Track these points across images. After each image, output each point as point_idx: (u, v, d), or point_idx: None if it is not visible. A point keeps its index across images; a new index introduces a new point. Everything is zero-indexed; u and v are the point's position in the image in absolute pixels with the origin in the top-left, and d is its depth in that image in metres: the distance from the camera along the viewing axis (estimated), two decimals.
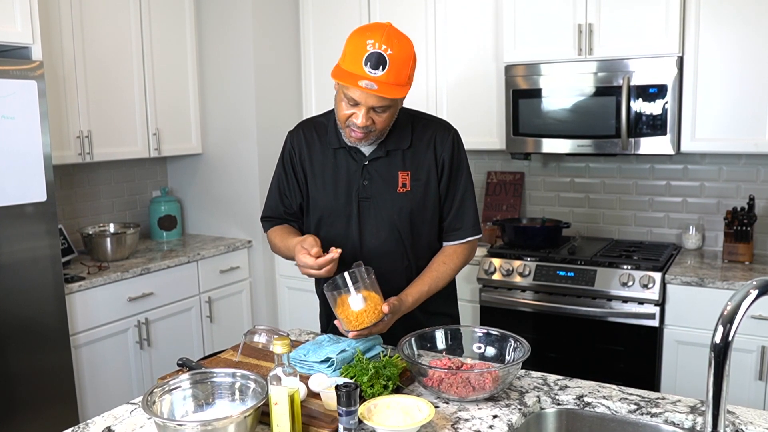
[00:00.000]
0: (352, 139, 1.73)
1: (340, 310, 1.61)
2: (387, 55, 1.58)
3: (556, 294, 2.90)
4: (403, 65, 1.61)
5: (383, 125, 1.71)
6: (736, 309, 0.92)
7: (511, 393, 1.51)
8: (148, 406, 1.30)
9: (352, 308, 1.59)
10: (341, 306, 1.61)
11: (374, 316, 1.60)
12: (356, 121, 1.66)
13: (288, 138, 1.92)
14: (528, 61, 3.07)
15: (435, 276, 1.82)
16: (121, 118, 3.29)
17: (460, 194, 1.86)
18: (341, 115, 1.71)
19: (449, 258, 1.86)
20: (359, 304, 1.58)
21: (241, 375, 1.42)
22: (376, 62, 1.57)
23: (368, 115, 1.66)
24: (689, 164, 3.19)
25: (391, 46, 1.59)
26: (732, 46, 2.74)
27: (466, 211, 1.87)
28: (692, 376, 2.70)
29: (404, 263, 1.85)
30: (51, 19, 2.94)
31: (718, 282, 2.63)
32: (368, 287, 1.61)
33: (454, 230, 1.87)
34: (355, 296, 1.59)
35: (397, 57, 1.59)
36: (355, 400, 1.27)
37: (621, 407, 1.44)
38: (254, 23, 3.57)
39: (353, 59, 1.60)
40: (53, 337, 2.71)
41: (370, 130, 1.70)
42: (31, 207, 2.60)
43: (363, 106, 1.64)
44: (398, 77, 1.60)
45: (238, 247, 3.65)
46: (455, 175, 1.85)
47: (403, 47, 1.62)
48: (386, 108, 1.66)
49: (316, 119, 1.93)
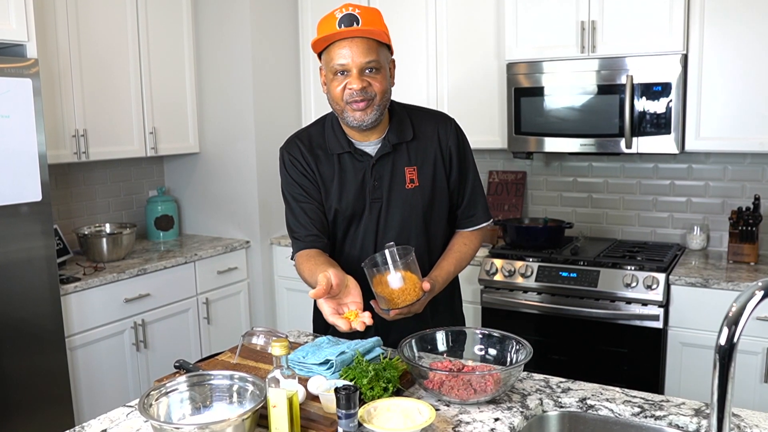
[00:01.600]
0: (356, 115, 1.70)
1: (379, 288, 1.63)
2: (357, 14, 1.66)
3: (558, 295, 2.90)
4: (376, 19, 1.69)
5: (380, 89, 1.70)
6: (741, 310, 0.92)
7: (513, 396, 1.51)
8: (145, 408, 1.30)
9: (392, 286, 1.61)
10: (380, 285, 1.63)
11: (414, 294, 1.63)
12: (353, 86, 1.67)
13: (284, 152, 1.86)
14: (530, 58, 3.07)
15: (459, 257, 1.88)
16: (117, 117, 3.29)
17: (471, 181, 1.91)
18: (336, 95, 1.70)
19: (468, 239, 1.93)
20: (398, 282, 1.61)
21: (239, 377, 1.42)
22: (349, 20, 1.65)
23: (362, 78, 1.67)
24: (694, 163, 3.19)
25: (358, 8, 1.67)
26: (737, 44, 2.74)
27: (478, 198, 1.93)
28: (697, 378, 2.70)
29: (419, 259, 1.85)
30: (46, 16, 2.94)
31: (723, 283, 2.63)
32: (407, 266, 1.63)
33: (469, 216, 1.93)
34: (395, 274, 1.61)
35: (367, 13, 1.68)
36: (355, 403, 1.27)
37: (624, 410, 1.44)
38: (252, 20, 3.57)
39: (325, 28, 1.68)
40: (48, 338, 2.70)
41: (371, 96, 1.69)
42: (25, 207, 2.60)
43: (353, 67, 1.66)
44: (375, 26, 1.67)
45: (235, 247, 3.65)
46: (464, 162, 1.89)
47: (372, 10, 1.71)
48: (377, 68, 1.68)
49: (307, 130, 1.89)
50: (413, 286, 1.63)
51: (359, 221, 1.83)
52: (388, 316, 1.66)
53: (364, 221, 1.82)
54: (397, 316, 1.65)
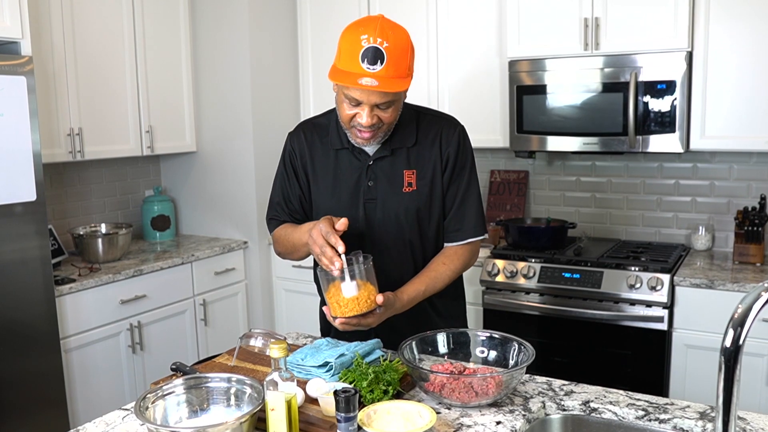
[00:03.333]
0: (359, 140, 1.72)
1: (330, 295, 1.59)
2: (383, 48, 1.56)
3: (561, 296, 2.90)
4: (402, 56, 1.60)
5: (390, 120, 1.70)
6: (747, 312, 0.92)
7: (515, 398, 1.51)
8: (141, 412, 1.30)
9: (343, 294, 1.57)
10: (332, 291, 1.59)
11: (366, 306, 1.57)
12: (361, 121, 1.65)
13: (288, 139, 1.91)
14: (532, 56, 3.07)
15: (433, 276, 1.81)
16: (112, 115, 3.29)
17: (462, 192, 1.84)
18: (344, 117, 1.69)
19: (449, 259, 1.84)
20: (352, 290, 1.56)
21: (236, 380, 1.42)
22: (373, 57, 1.56)
23: (373, 113, 1.64)
24: (699, 162, 3.19)
25: (387, 39, 1.57)
26: (743, 41, 2.74)
27: (467, 211, 1.85)
28: (702, 380, 2.70)
29: (412, 265, 1.84)
30: (41, 13, 2.94)
31: (728, 284, 2.63)
32: (364, 276, 1.59)
33: (454, 230, 1.86)
34: (349, 283, 1.56)
35: (394, 49, 1.58)
36: (354, 406, 1.27)
37: (628, 413, 1.44)
38: (250, 17, 3.57)
39: (349, 57, 1.58)
40: (43, 340, 2.70)
41: (378, 128, 1.69)
42: (20, 207, 2.60)
43: (366, 105, 1.63)
44: (398, 69, 1.59)
45: (233, 248, 3.65)
46: (458, 172, 1.84)
47: (399, 38, 1.60)
48: (390, 103, 1.65)
49: (316, 120, 1.92)
50: (367, 297, 1.58)
51: (350, 221, 1.81)
52: (334, 323, 1.60)
53: (355, 221, 1.80)
54: (345, 326, 1.59)
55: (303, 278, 3.61)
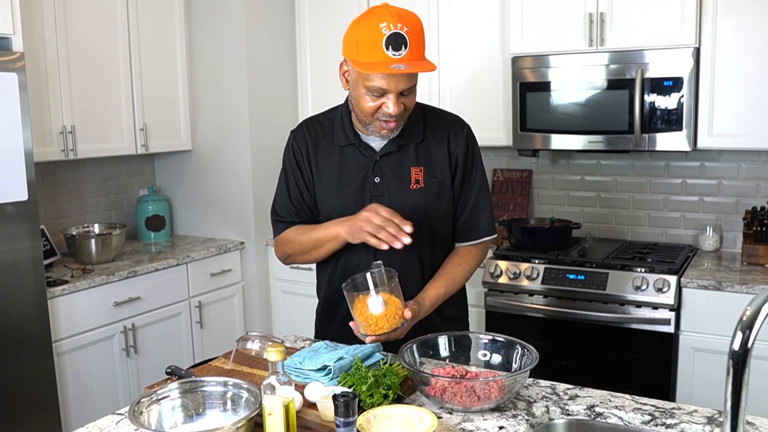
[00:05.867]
0: (384, 132, 1.74)
1: (358, 312, 1.62)
2: (405, 33, 1.61)
3: (565, 298, 2.90)
4: (420, 38, 1.66)
5: (411, 106, 1.74)
6: (755, 314, 0.92)
7: (518, 403, 1.51)
8: (135, 416, 1.30)
9: (371, 311, 1.59)
10: (359, 308, 1.61)
11: (394, 322, 1.61)
12: (388, 110, 1.67)
13: (291, 136, 1.93)
14: (536, 52, 3.07)
15: (451, 278, 1.85)
16: (106, 113, 3.29)
17: (474, 193, 1.88)
18: (367, 110, 1.70)
19: (463, 259, 1.89)
20: (379, 307, 1.58)
21: (233, 384, 1.42)
22: (397, 43, 1.60)
23: (399, 101, 1.68)
24: (706, 161, 3.20)
25: (405, 23, 1.63)
26: (752, 37, 2.74)
27: (481, 211, 1.89)
28: (709, 384, 2.70)
29: (418, 264, 1.86)
30: (32, 7, 2.94)
31: (736, 286, 2.63)
32: (390, 290, 1.61)
33: (468, 230, 1.90)
34: (376, 299, 1.58)
35: (413, 31, 1.64)
36: (354, 411, 1.27)
37: (634, 418, 1.44)
38: (247, 11, 3.57)
39: (371, 48, 1.61)
40: (35, 343, 2.70)
41: (401, 116, 1.72)
42: (11, 206, 2.60)
43: (392, 93, 1.66)
44: (420, 51, 1.65)
45: (230, 248, 3.65)
46: (470, 172, 1.87)
47: (415, 20, 1.67)
48: (413, 88, 1.70)
49: (319, 117, 1.94)
50: (395, 312, 1.60)
51: None
52: (364, 340, 1.64)
53: None
54: (375, 341, 1.64)
55: (301, 280, 3.61)
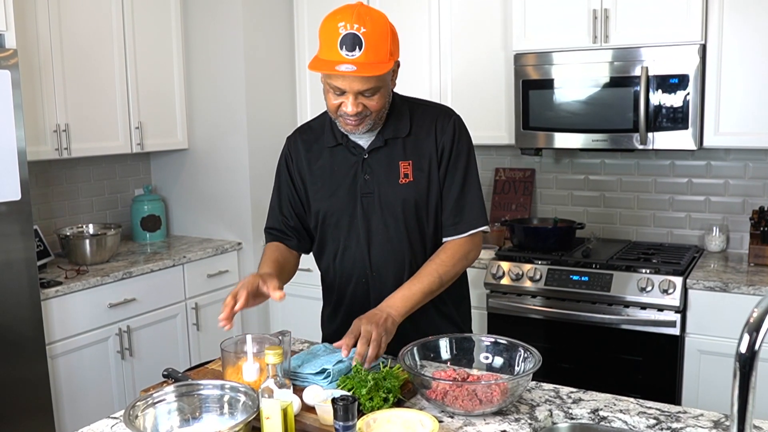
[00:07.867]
0: (348, 128, 1.76)
1: (230, 371, 1.54)
2: (361, 34, 1.62)
3: (569, 300, 2.90)
4: (381, 41, 1.64)
5: (377, 107, 1.73)
6: (763, 316, 0.92)
7: (521, 406, 1.51)
8: (131, 420, 1.30)
9: (243, 377, 1.51)
10: (232, 369, 1.53)
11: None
12: (346, 110, 1.69)
13: (286, 144, 1.97)
14: (539, 49, 3.07)
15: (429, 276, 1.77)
16: (101, 111, 3.29)
17: (459, 183, 1.84)
18: (331, 106, 1.74)
19: (448, 254, 1.82)
20: (253, 375, 1.50)
21: (230, 387, 1.42)
22: (352, 43, 1.61)
23: (357, 101, 1.69)
24: (712, 160, 3.19)
25: (364, 24, 1.62)
26: (759, 34, 2.74)
27: (467, 201, 1.84)
28: (716, 388, 2.70)
29: (410, 260, 1.86)
30: (26, 4, 2.94)
31: (743, 287, 2.63)
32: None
33: (453, 223, 1.85)
34: (252, 365, 1.51)
35: (372, 34, 1.63)
36: (353, 414, 1.27)
37: (639, 422, 1.44)
38: (244, 8, 3.57)
39: (328, 46, 1.64)
40: (28, 346, 2.70)
41: (365, 115, 1.73)
42: (3, 206, 2.60)
43: (349, 93, 1.67)
44: (377, 54, 1.64)
45: (226, 249, 3.65)
46: (454, 161, 1.84)
47: (377, 23, 1.65)
48: (375, 90, 1.69)
49: (312, 123, 1.98)
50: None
51: (348, 217, 1.84)
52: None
53: (354, 217, 1.84)
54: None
55: (299, 281, 3.57)
